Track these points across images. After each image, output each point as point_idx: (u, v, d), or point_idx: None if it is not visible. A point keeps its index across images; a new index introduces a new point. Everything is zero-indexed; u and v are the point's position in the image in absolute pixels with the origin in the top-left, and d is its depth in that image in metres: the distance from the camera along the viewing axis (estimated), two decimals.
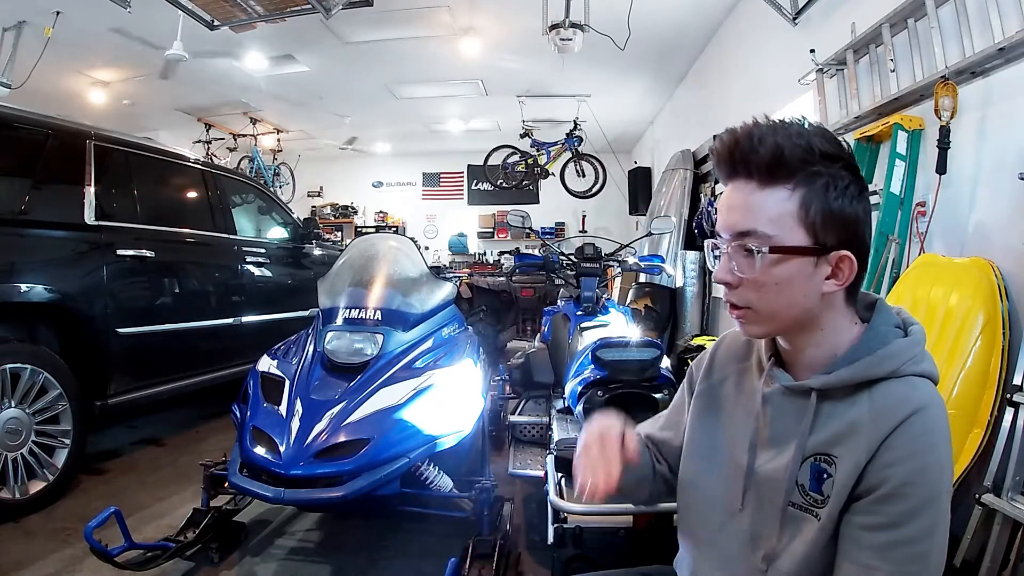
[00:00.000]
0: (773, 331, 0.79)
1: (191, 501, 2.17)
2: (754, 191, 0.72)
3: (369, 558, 2.00)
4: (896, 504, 0.65)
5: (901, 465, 0.66)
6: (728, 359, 0.90)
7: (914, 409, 0.67)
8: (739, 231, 0.73)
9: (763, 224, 0.72)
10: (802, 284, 0.72)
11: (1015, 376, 1.58)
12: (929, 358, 0.74)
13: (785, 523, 0.74)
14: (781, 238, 0.71)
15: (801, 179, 0.71)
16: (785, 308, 0.74)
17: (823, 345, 0.76)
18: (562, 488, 1.64)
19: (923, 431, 0.67)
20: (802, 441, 0.74)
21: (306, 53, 4.99)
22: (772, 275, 0.72)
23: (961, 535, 1.58)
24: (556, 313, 2.71)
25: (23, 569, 1.86)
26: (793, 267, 0.72)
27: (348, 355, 2.03)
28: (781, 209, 0.71)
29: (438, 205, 9.75)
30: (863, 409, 0.71)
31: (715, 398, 0.89)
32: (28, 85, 4.34)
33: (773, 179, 0.71)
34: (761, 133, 0.72)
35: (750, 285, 0.74)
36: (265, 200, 4.11)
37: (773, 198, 0.71)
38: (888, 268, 2.10)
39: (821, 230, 0.71)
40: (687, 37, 4.69)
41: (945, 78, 1.91)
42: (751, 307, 0.75)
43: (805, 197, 0.71)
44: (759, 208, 0.72)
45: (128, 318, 2.70)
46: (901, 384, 0.71)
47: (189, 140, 6.97)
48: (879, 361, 0.72)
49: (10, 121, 2.43)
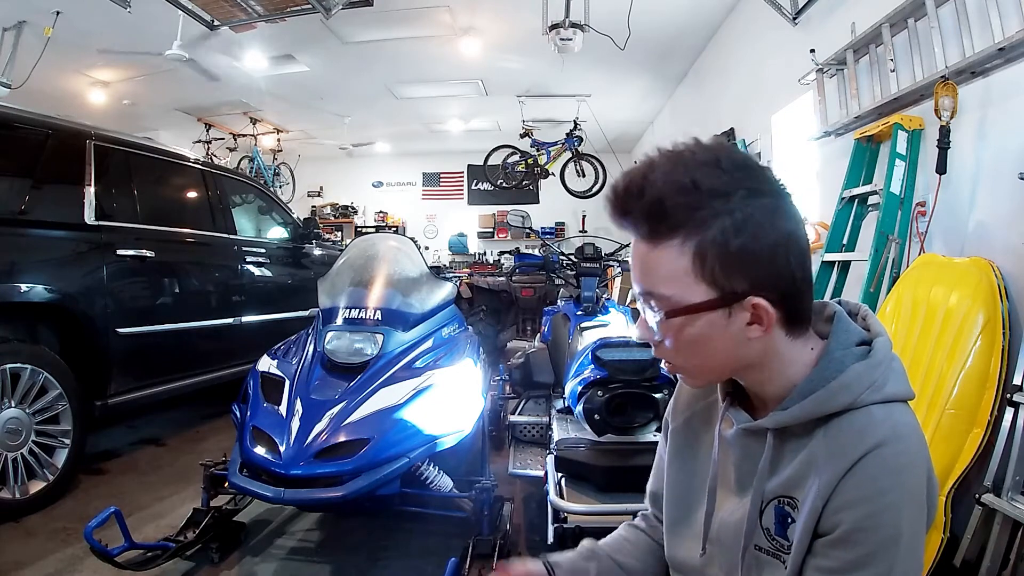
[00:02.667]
0: (713, 380, 0.73)
1: (191, 501, 2.17)
2: (647, 251, 0.65)
3: (369, 558, 2.00)
4: (850, 549, 0.60)
5: (853, 509, 0.60)
6: (693, 396, 0.85)
7: (872, 446, 0.61)
8: (641, 292, 0.68)
9: (659, 285, 0.65)
10: (720, 338, 0.66)
11: (1015, 376, 1.58)
12: (896, 373, 0.67)
13: (749, 570, 0.69)
14: (680, 297, 0.64)
15: (690, 229, 0.62)
16: (713, 362, 0.68)
17: (776, 380, 0.69)
18: (562, 488, 1.64)
19: (881, 470, 0.60)
20: (760, 484, 0.69)
21: (306, 53, 4.99)
22: (683, 335, 0.66)
23: (961, 535, 1.58)
24: (556, 313, 2.72)
25: (23, 569, 1.86)
26: (702, 324, 0.65)
27: (348, 355, 2.03)
28: (674, 267, 0.63)
29: (438, 205, 9.75)
30: (819, 447, 0.65)
31: (685, 438, 0.84)
32: (28, 85, 4.34)
33: (660, 236, 0.64)
34: (641, 182, 0.64)
35: (667, 344, 0.68)
36: (265, 200, 4.11)
37: (664, 256, 0.64)
38: (888, 268, 2.10)
39: (724, 279, 0.63)
40: (687, 37, 4.69)
41: (945, 78, 1.91)
42: (674, 363, 0.70)
43: (698, 248, 0.62)
44: (653, 268, 0.65)
45: (128, 318, 2.70)
46: (858, 417, 0.64)
47: (189, 140, 6.97)
48: (832, 395, 0.64)
49: (10, 121, 2.42)
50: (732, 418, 0.75)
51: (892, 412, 0.64)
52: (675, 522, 0.82)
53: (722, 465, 0.76)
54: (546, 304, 4.31)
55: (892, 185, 2.10)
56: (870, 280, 2.11)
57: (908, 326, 1.84)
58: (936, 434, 1.62)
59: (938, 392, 1.66)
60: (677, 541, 0.81)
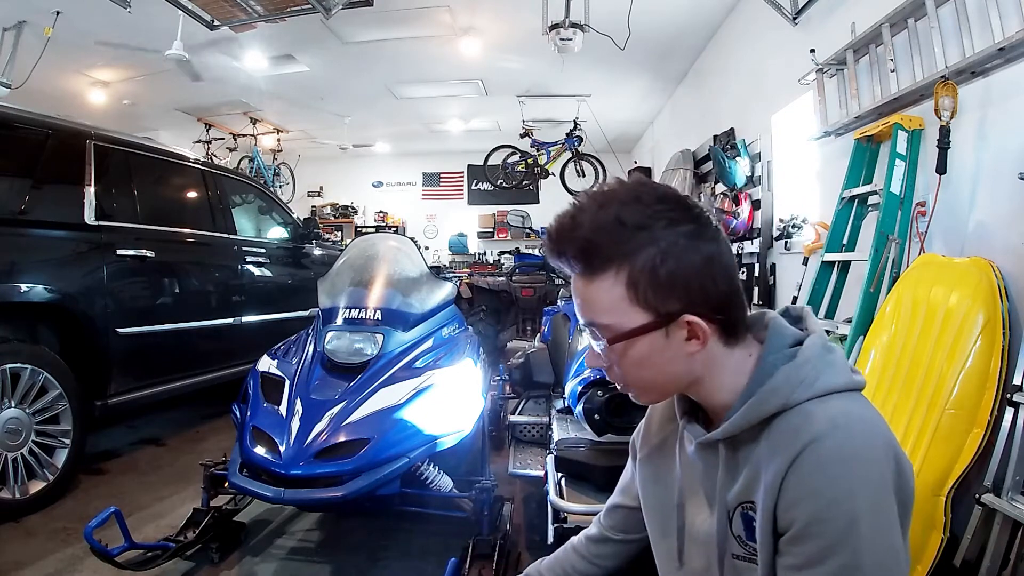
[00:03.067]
0: (665, 396, 0.79)
1: (191, 501, 2.17)
2: (584, 285, 0.71)
3: (369, 558, 2.00)
4: (808, 543, 0.62)
5: (802, 504, 0.62)
6: (663, 420, 0.89)
7: (807, 442, 0.63)
8: (585, 323, 0.73)
9: (599, 315, 0.71)
10: (661, 357, 0.71)
11: (1015, 376, 1.58)
12: (834, 366, 0.69)
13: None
14: (620, 324, 0.70)
15: (620, 261, 0.68)
16: (661, 379, 0.73)
17: (723, 389, 0.73)
18: (562, 488, 1.64)
19: (821, 463, 0.62)
20: (722, 494, 0.72)
21: (306, 53, 4.99)
22: (628, 358, 0.71)
23: (961, 535, 1.58)
24: (556, 313, 2.72)
25: (23, 569, 1.86)
26: (643, 346, 0.70)
27: (348, 355, 2.03)
28: (610, 297, 0.69)
29: (438, 205, 9.75)
30: (763, 450, 0.68)
31: (656, 461, 0.87)
32: (28, 85, 4.34)
33: (594, 270, 0.70)
34: (571, 223, 0.70)
35: (617, 367, 0.73)
36: (265, 200, 4.11)
37: (600, 288, 0.70)
38: (888, 268, 2.10)
39: (657, 302, 0.68)
40: (687, 37, 4.69)
41: (945, 78, 1.91)
42: (627, 384, 0.75)
43: (630, 277, 0.68)
44: (591, 301, 0.71)
45: (128, 318, 2.70)
46: (793, 416, 0.66)
47: (189, 140, 6.97)
48: (763, 400, 0.68)
49: (10, 121, 2.42)
50: (690, 434, 0.78)
51: (829, 405, 0.66)
52: (657, 544, 0.85)
53: (690, 480, 0.80)
54: (546, 304, 4.31)
55: (892, 185, 2.10)
56: (870, 280, 2.11)
57: (908, 326, 1.84)
58: (936, 434, 1.62)
59: (938, 392, 1.66)
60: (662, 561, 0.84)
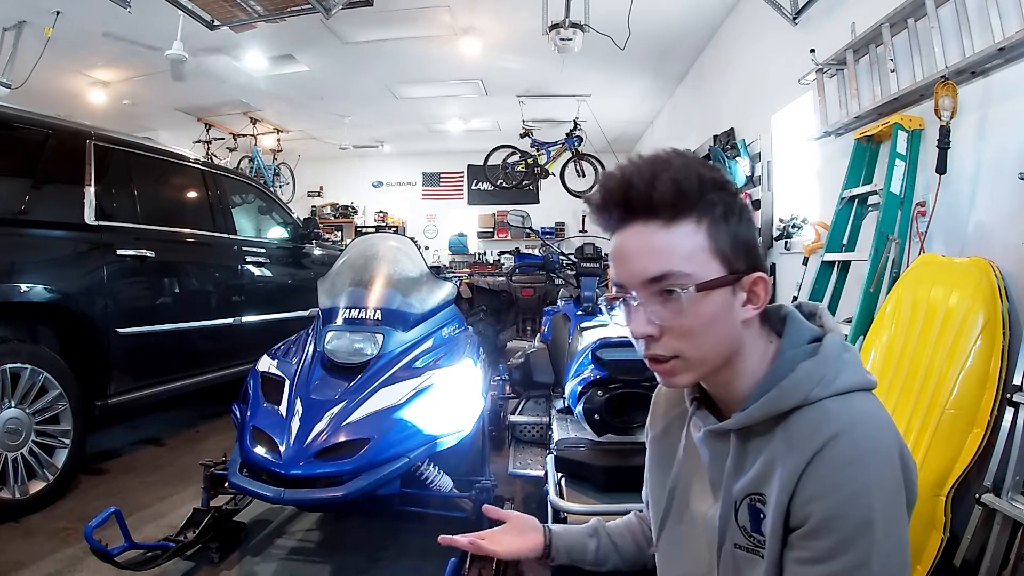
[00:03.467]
0: (701, 376, 0.74)
1: (191, 501, 2.17)
2: (657, 231, 0.69)
3: (369, 558, 2.00)
4: (824, 539, 0.62)
5: (822, 500, 0.63)
6: (669, 405, 0.89)
7: (827, 438, 0.64)
8: (651, 276, 0.69)
9: (678, 263, 0.68)
10: (726, 317, 0.70)
11: (1015, 376, 1.58)
12: (851, 365, 0.70)
13: (727, 568, 0.72)
14: (700, 274, 0.68)
15: (703, 209, 0.69)
16: (714, 347, 0.71)
17: (741, 376, 0.73)
18: (562, 488, 1.64)
19: (841, 460, 0.63)
20: (729, 484, 0.72)
21: (306, 53, 4.99)
22: (699, 315, 0.69)
23: (961, 535, 1.58)
24: (556, 313, 2.72)
25: (23, 569, 1.86)
26: (717, 301, 0.69)
27: (348, 355, 2.03)
28: (692, 244, 0.68)
29: (438, 205, 9.75)
30: (779, 444, 0.68)
31: (662, 447, 0.88)
32: (28, 85, 4.34)
33: (678, 214, 0.68)
34: (651, 170, 0.69)
35: (676, 332, 0.70)
36: (265, 200, 4.11)
37: (681, 234, 0.68)
38: (888, 268, 2.10)
39: (732, 257, 0.69)
40: (687, 37, 4.68)
41: (945, 78, 1.91)
42: (679, 356, 0.71)
43: (711, 226, 0.69)
44: (670, 248, 0.69)
45: (128, 318, 2.70)
46: (812, 412, 0.67)
47: (189, 140, 6.96)
48: (783, 394, 0.68)
49: (10, 121, 2.43)
50: (698, 422, 0.79)
51: (847, 403, 0.67)
52: (658, 527, 0.86)
53: (694, 468, 0.81)
54: (546, 304, 4.31)
55: (892, 185, 2.09)
56: (870, 280, 2.11)
57: (908, 326, 1.84)
58: (936, 434, 1.62)
59: (938, 392, 1.66)
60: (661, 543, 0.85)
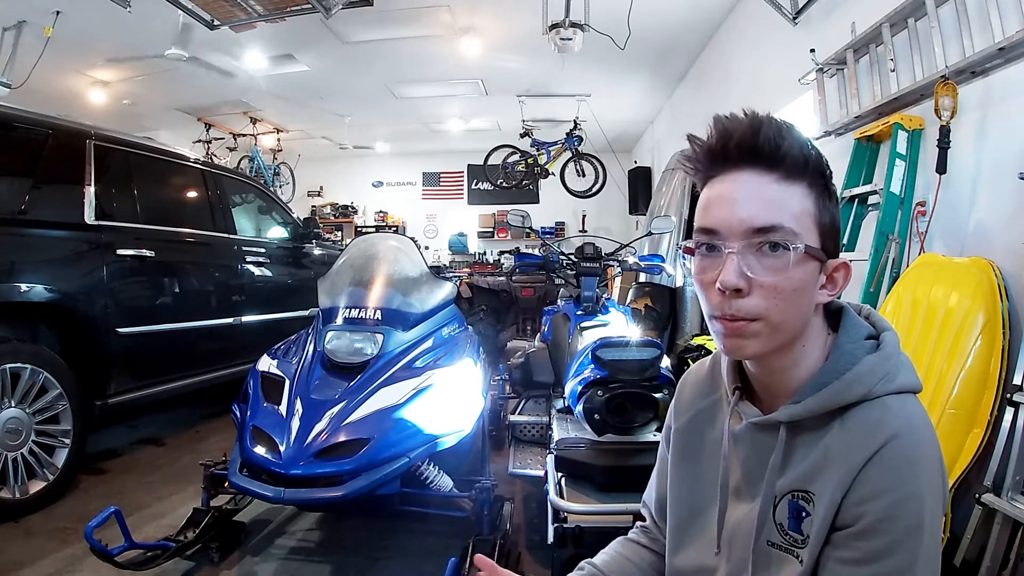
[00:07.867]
0: (771, 348, 0.68)
1: (191, 501, 2.17)
2: (772, 183, 0.65)
3: (369, 558, 2.00)
4: (874, 540, 0.61)
5: (877, 500, 0.61)
6: (695, 396, 0.85)
7: (888, 437, 0.62)
8: (758, 227, 0.64)
9: (788, 220, 0.64)
10: (810, 292, 0.66)
11: (1015, 376, 1.58)
12: (906, 366, 0.68)
13: (759, 566, 0.68)
14: (804, 238, 0.64)
15: (813, 178, 0.66)
16: (795, 318, 0.66)
17: (799, 363, 0.70)
18: (562, 488, 1.64)
19: (900, 460, 0.62)
20: (772, 479, 0.69)
21: (306, 53, 5.00)
22: (793, 279, 0.64)
23: (961, 535, 1.58)
24: (556, 313, 2.71)
25: (23, 569, 1.86)
26: (809, 271, 0.65)
27: (348, 355, 2.03)
28: (803, 206, 0.65)
29: (438, 205, 9.76)
30: (835, 440, 0.65)
31: (689, 440, 0.83)
32: (28, 85, 4.35)
33: (796, 174, 0.65)
34: (779, 124, 0.66)
35: (765, 291, 0.64)
36: (265, 200, 4.11)
37: (794, 193, 0.65)
38: (888, 268, 2.10)
39: (828, 235, 0.67)
40: (687, 37, 4.69)
41: (945, 78, 1.91)
42: (761, 317, 0.65)
43: (818, 198, 0.66)
44: (782, 202, 0.65)
45: (128, 318, 2.70)
46: (874, 408, 0.65)
47: (189, 140, 6.97)
48: (847, 386, 0.66)
49: (10, 121, 2.42)
50: (741, 413, 0.75)
51: (905, 403, 0.66)
52: (681, 524, 0.81)
53: (727, 461, 0.76)
54: (546, 304, 4.31)
55: (892, 185, 2.10)
56: (870, 280, 2.11)
57: (908, 326, 1.84)
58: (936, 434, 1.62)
59: (938, 392, 1.66)
60: (684, 544, 0.80)
